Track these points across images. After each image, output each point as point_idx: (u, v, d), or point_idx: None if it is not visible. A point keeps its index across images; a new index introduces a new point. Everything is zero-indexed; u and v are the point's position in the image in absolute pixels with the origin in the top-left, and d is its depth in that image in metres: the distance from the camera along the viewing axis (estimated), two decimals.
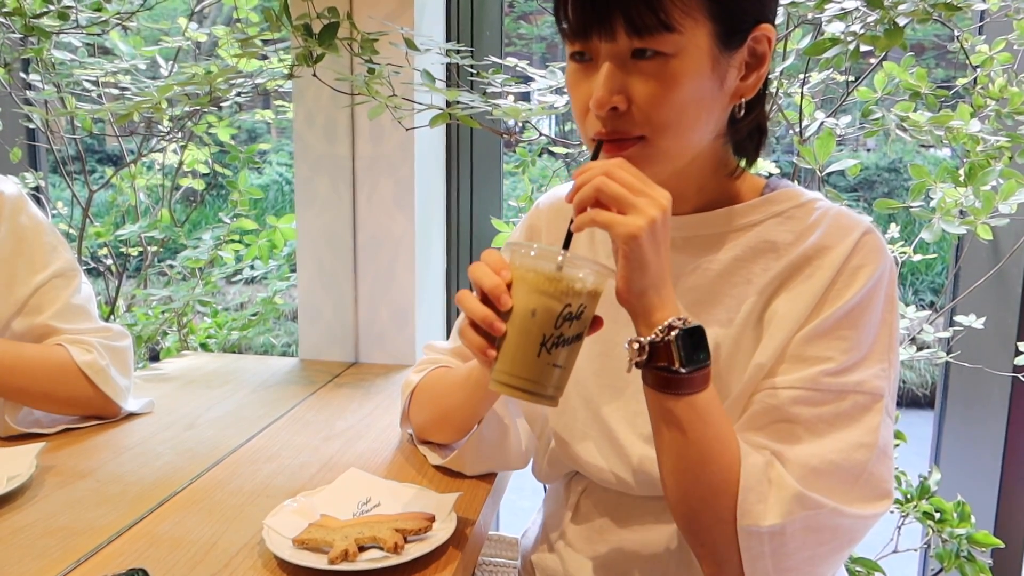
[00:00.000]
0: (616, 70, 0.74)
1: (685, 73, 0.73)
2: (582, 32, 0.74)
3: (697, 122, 0.76)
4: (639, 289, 0.72)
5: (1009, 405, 1.62)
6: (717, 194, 0.85)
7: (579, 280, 0.72)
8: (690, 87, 0.73)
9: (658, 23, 0.71)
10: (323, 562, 0.77)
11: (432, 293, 1.71)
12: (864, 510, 0.76)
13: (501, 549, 1.19)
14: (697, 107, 0.75)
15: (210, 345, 1.98)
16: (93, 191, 1.94)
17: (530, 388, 0.74)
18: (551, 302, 0.73)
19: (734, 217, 0.84)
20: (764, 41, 0.77)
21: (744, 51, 0.76)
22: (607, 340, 0.88)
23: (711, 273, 0.84)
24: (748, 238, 0.83)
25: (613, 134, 0.76)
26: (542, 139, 1.50)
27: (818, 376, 0.77)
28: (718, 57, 0.74)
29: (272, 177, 6.28)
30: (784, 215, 0.83)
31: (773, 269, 0.81)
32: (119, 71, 1.69)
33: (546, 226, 0.98)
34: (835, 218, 0.81)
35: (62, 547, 0.84)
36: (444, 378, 1.02)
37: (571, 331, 0.74)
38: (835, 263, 0.78)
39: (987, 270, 1.54)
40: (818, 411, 0.77)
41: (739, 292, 0.83)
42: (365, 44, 1.25)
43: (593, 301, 0.74)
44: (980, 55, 1.36)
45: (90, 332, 1.17)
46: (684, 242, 0.86)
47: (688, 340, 0.72)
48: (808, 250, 0.80)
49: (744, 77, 0.77)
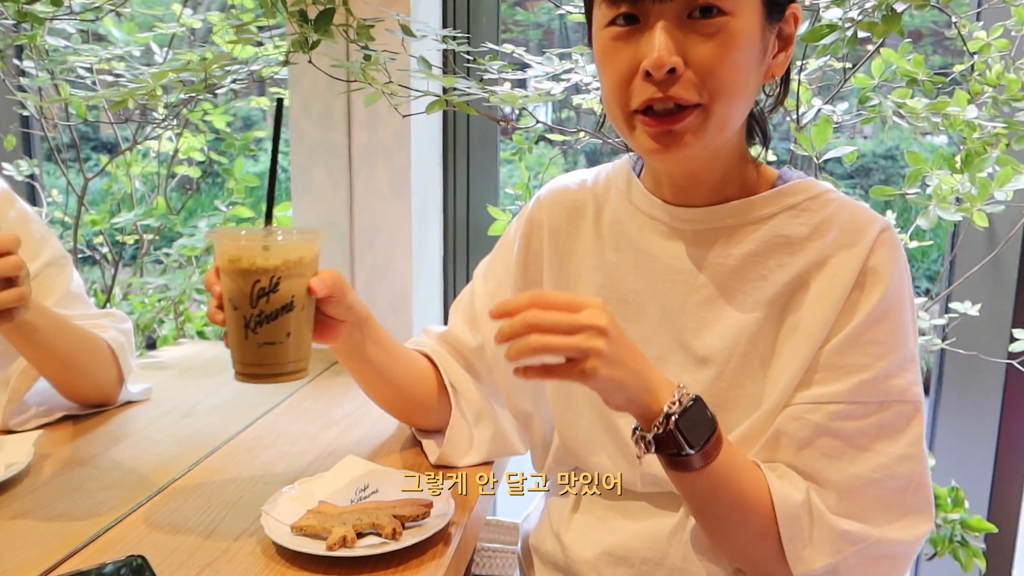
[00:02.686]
0: (673, 31, 0.72)
1: (743, 35, 0.72)
2: None
3: (747, 90, 0.76)
4: (625, 400, 0.72)
5: (1003, 391, 1.63)
6: (737, 183, 0.84)
7: (260, 255, 0.71)
8: (746, 52, 0.73)
9: None
10: (321, 548, 0.78)
11: (429, 280, 1.71)
12: (909, 533, 0.76)
13: (499, 534, 1.20)
14: (748, 75, 0.75)
15: (207, 333, 1.98)
16: (88, 179, 1.93)
17: (258, 372, 0.74)
18: (240, 282, 0.72)
19: (749, 209, 0.83)
20: (792, 21, 0.77)
21: (778, 28, 0.77)
22: None
23: (725, 269, 0.83)
24: (762, 232, 0.82)
25: (668, 100, 0.73)
26: (539, 126, 1.50)
27: (857, 387, 0.76)
28: (762, 32, 0.74)
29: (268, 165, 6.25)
30: (798, 208, 0.82)
31: (789, 265, 0.80)
32: (113, 58, 1.68)
33: (548, 219, 0.96)
34: (851, 214, 0.80)
35: (61, 534, 0.84)
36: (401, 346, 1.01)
37: (272, 306, 0.73)
38: (856, 263, 0.77)
39: (983, 257, 1.55)
40: (861, 424, 0.76)
41: (753, 288, 0.82)
42: (361, 30, 1.25)
43: (293, 269, 0.73)
44: (978, 41, 1.35)
45: (97, 317, 1.17)
46: (696, 235, 0.85)
47: (689, 421, 0.71)
48: (826, 248, 0.79)
49: (775, 55, 0.78)
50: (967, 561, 1.43)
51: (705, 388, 0.82)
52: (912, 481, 0.77)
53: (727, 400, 0.82)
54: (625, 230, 0.90)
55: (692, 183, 0.84)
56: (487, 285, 1.01)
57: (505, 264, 0.99)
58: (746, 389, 0.81)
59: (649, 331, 0.87)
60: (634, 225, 0.89)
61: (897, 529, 0.76)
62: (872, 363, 0.76)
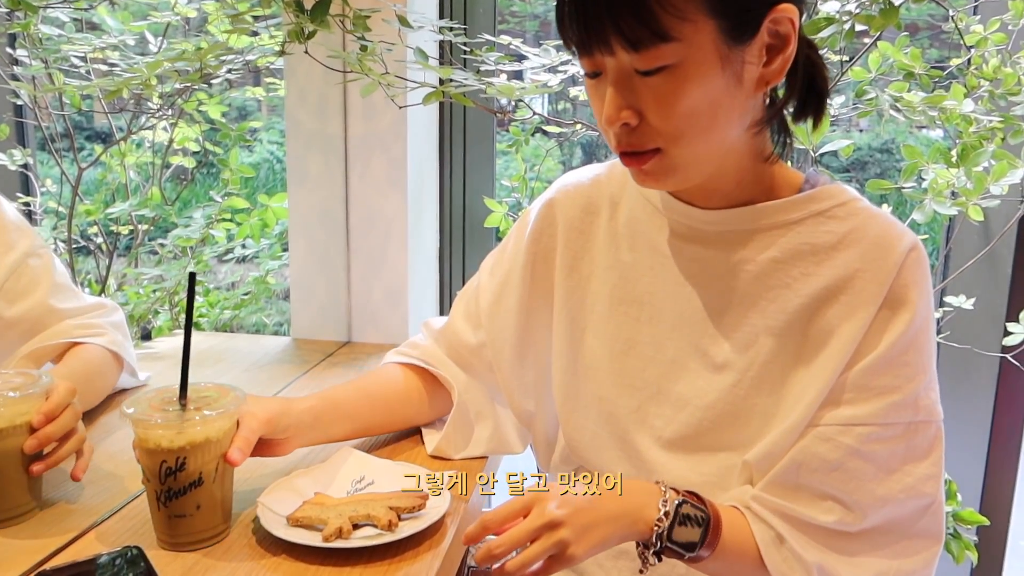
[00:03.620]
0: (622, 86, 0.71)
1: (691, 81, 0.69)
2: (584, 49, 0.72)
3: (713, 125, 0.72)
4: (618, 542, 0.74)
5: (996, 385, 1.64)
6: (755, 187, 0.81)
7: (165, 437, 0.76)
8: (698, 93, 0.70)
9: (652, 35, 0.67)
10: (317, 539, 0.78)
11: (425, 272, 1.70)
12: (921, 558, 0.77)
13: None
14: (711, 111, 0.71)
15: (202, 324, 1.97)
16: (83, 169, 1.92)
17: (171, 542, 0.79)
18: (147, 461, 0.77)
19: (771, 213, 0.80)
20: (785, 22, 0.71)
21: (762, 37, 0.71)
22: (628, 338, 0.87)
23: (747, 275, 0.81)
24: (787, 238, 0.79)
25: (629, 147, 0.74)
26: (535, 118, 1.50)
27: (888, 409, 0.75)
28: (728, 54, 0.70)
29: (263, 155, 6.23)
30: (825, 214, 0.79)
31: (813, 275, 0.78)
32: (107, 47, 1.66)
33: (562, 216, 0.93)
34: (880, 226, 0.77)
35: (56, 525, 0.84)
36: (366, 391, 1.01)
37: (179, 483, 0.77)
38: (884, 279, 0.75)
39: (978, 251, 1.55)
40: (891, 447, 0.75)
41: (776, 296, 0.79)
42: (357, 21, 1.24)
43: (199, 448, 0.77)
44: (974, 35, 1.35)
45: (89, 311, 1.16)
46: (717, 236, 0.82)
47: (683, 527, 0.73)
48: (853, 261, 0.76)
49: (768, 63, 0.72)
50: (959, 553, 1.44)
51: (721, 396, 0.81)
52: (934, 500, 0.77)
53: (742, 409, 0.80)
54: (642, 229, 0.88)
55: (705, 192, 0.82)
56: (493, 281, 1.00)
57: (513, 261, 0.97)
58: (762, 399, 0.80)
59: (664, 334, 0.85)
60: (652, 225, 0.87)
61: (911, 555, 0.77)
62: (903, 384, 0.75)
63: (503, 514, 0.73)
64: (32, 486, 0.86)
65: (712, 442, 0.82)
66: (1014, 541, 1.71)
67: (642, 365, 0.86)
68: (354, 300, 1.60)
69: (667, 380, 0.85)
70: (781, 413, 0.79)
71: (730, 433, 0.81)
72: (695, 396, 0.83)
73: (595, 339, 0.90)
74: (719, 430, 0.82)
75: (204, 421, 0.77)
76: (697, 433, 0.83)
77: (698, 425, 0.82)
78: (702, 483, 0.82)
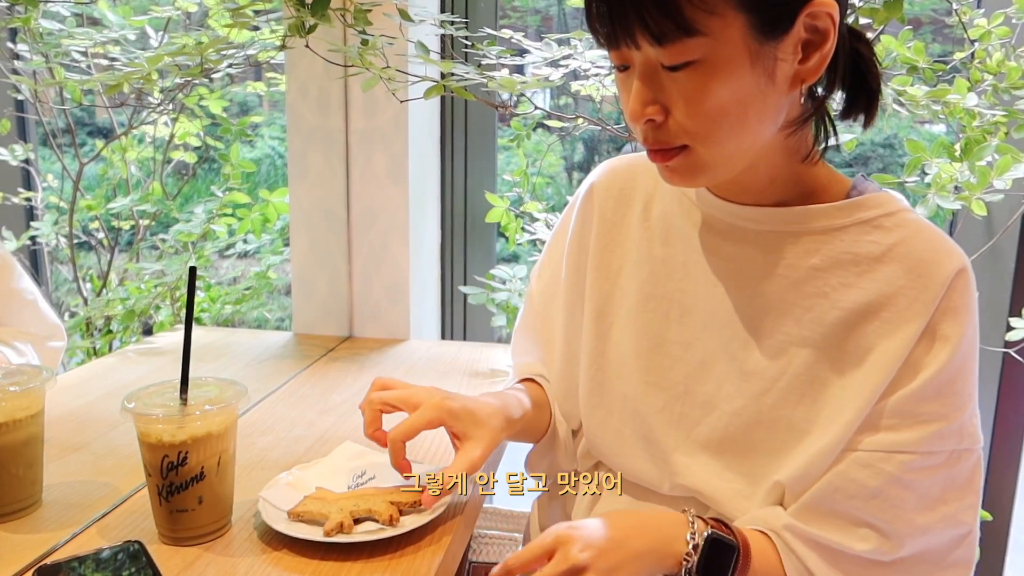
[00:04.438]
0: (648, 81, 0.69)
1: (717, 78, 0.66)
2: (611, 42, 0.69)
3: (743, 123, 0.69)
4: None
5: (1000, 380, 1.64)
6: (791, 186, 0.78)
7: (167, 432, 0.76)
8: (726, 90, 0.67)
9: (677, 28, 0.64)
10: (318, 534, 0.78)
11: (426, 267, 1.70)
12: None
13: (496, 521, 1.20)
14: (740, 109, 0.68)
15: (203, 319, 1.97)
16: (84, 164, 1.92)
17: (172, 536, 0.79)
18: (148, 455, 0.77)
19: (816, 217, 0.76)
20: (824, 17, 0.67)
21: (798, 32, 0.67)
22: (656, 335, 0.85)
23: (785, 280, 0.77)
24: (830, 245, 0.76)
25: (655, 144, 0.72)
26: (537, 112, 1.49)
27: (933, 439, 0.72)
28: (758, 50, 0.66)
29: (264, 150, 6.23)
30: (871, 223, 0.75)
31: (854, 286, 0.74)
32: (108, 41, 1.66)
33: (599, 210, 0.91)
34: (928, 242, 0.74)
35: (57, 520, 0.84)
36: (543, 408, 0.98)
37: (181, 478, 0.77)
38: (930, 300, 0.72)
39: (981, 246, 1.55)
40: (933, 476, 0.73)
41: (813, 304, 0.76)
42: (358, 15, 1.23)
43: (201, 443, 0.77)
44: (978, 29, 1.34)
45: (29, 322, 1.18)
46: (756, 236, 0.79)
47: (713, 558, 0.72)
48: (897, 277, 0.73)
49: (804, 59, 0.69)
50: None
51: (748, 403, 0.79)
52: (971, 530, 0.75)
53: (769, 419, 0.78)
54: (677, 224, 0.85)
55: (739, 186, 0.79)
56: (540, 283, 0.99)
57: (556, 261, 0.96)
58: (790, 411, 0.77)
59: (693, 334, 0.83)
60: (688, 219, 0.84)
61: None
62: (950, 413, 0.73)
63: (526, 557, 0.71)
64: (34, 481, 0.86)
65: (738, 448, 0.80)
66: (1016, 536, 1.71)
67: (669, 364, 0.84)
68: (355, 295, 1.60)
69: (695, 381, 0.82)
70: (815, 431, 0.76)
71: (756, 441, 0.79)
72: (723, 400, 0.80)
73: (622, 334, 0.88)
74: (746, 437, 0.79)
75: (205, 416, 0.77)
76: (723, 438, 0.80)
77: (724, 430, 0.80)
78: (726, 489, 0.80)
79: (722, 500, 0.80)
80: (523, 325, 1.01)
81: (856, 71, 0.75)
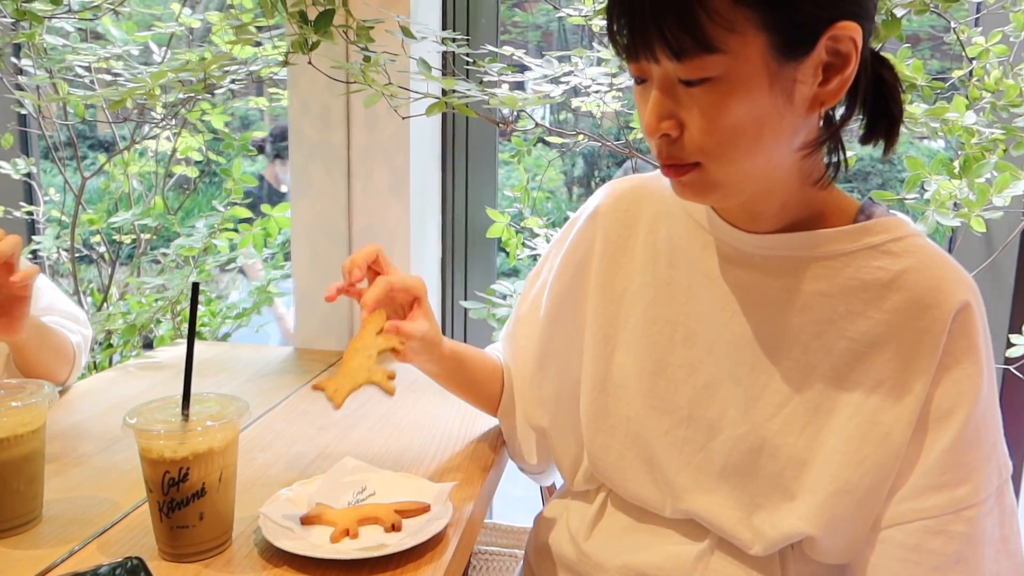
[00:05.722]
0: (665, 96, 0.69)
1: (735, 96, 0.66)
2: (631, 54, 0.69)
3: (758, 143, 0.68)
4: None
5: (1000, 397, 1.63)
6: (802, 211, 0.77)
7: (168, 448, 0.76)
8: (743, 109, 0.66)
9: (696, 45, 0.64)
10: (319, 551, 0.77)
11: (427, 282, 1.70)
12: None
13: (497, 537, 1.20)
14: (756, 128, 0.67)
15: (204, 334, 1.97)
16: (86, 178, 1.92)
17: (173, 553, 0.78)
18: (150, 471, 0.77)
19: (823, 242, 0.75)
20: (846, 41, 0.66)
21: (819, 54, 0.66)
22: (660, 358, 0.84)
23: (791, 306, 0.76)
24: (836, 271, 0.75)
25: (669, 159, 0.71)
26: (537, 128, 1.50)
27: (985, 483, 0.71)
28: (777, 71, 0.66)
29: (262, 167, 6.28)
30: (879, 249, 0.74)
31: (861, 315, 0.74)
32: (112, 57, 1.67)
33: (603, 231, 0.91)
34: (934, 274, 0.73)
35: (58, 536, 0.83)
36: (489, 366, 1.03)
37: (182, 494, 0.77)
38: (940, 332, 0.71)
39: (980, 262, 1.55)
40: (992, 520, 0.72)
41: (820, 332, 0.75)
42: (361, 31, 1.24)
43: (203, 458, 0.77)
44: (976, 47, 1.35)
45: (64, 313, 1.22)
46: (763, 261, 0.78)
47: None
48: (904, 309, 0.72)
49: (824, 82, 0.68)
50: None
51: (752, 429, 0.78)
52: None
53: (772, 446, 0.77)
54: (684, 246, 0.84)
55: (747, 212, 0.78)
56: (531, 290, 1.01)
57: (549, 271, 0.97)
58: (794, 439, 0.76)
59: (698, 358, 0.82)
60: (695, 243, 0.83)
61: None
62: (990, 451, 0.72)
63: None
64: (34, 496, 0.85)
65: (741, 474, 0.79)
66: None
67: (673, 387, 0.83)
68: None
69: (699, 406, 0.82)
70: (818, 461, 0.75)
71: (759, 467, 0.78)
72: (728, 425, 0.80)
73: (626, 357, 0.87)
74: (749, 463, 0.79)
75: (207, 431, 0.77)
76: (727, 464, 0.80)
77: (728, 455, 0.80)
78: (728, 515, 0.80)
79: (723, 525, 0.80)
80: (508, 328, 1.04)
81: (878, 96, 0.74)
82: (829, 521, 0.75)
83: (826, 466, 0.74)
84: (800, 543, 0.79)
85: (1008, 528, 0.73)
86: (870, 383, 0.74)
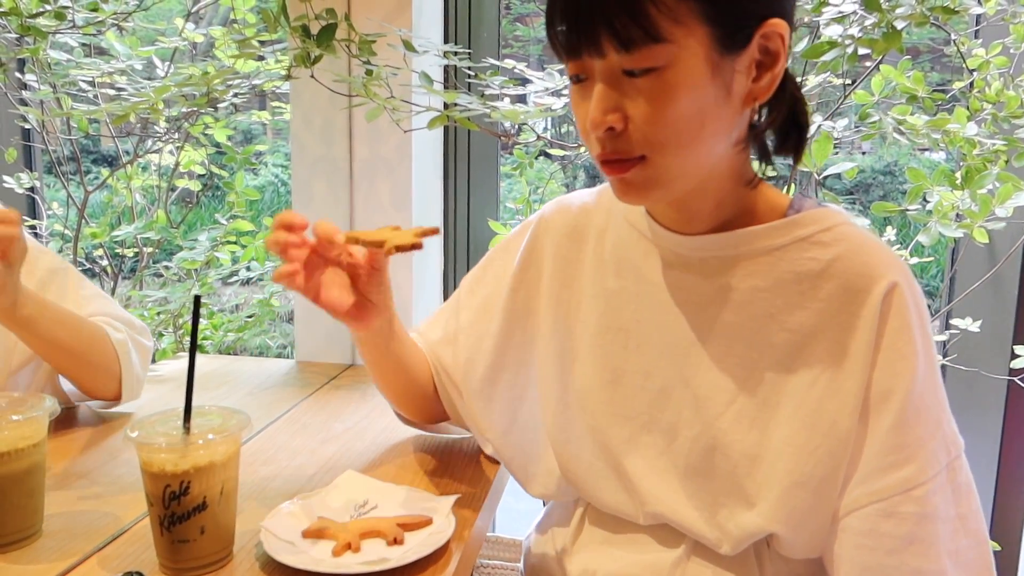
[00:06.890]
0: (609, 89, 0.70)
1: (680, 85, 0.68)
2: (573, 51, 0.70)
3: (701, 135, 0.70)
4: None
5: (1005, 408, 1.63)
6: (736, 209, 0.79)
7: (169, 461, 0.75)
8: (687, 99, 0.68)
9: (644, 35, 0.66)
10: (321, 565, 0.77)
11: (429, 295, 1.70)
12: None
13: (499, 551, 1.19)
14: (699, 119, 0.69)
15: (206, 347, 1.97)
16: (89, 192, 1.93)
17: (174, 568, 0.78)
18: (150, 485, 0.77)
19: (752, 239, 0.78)
20: (776, 38, 0.70)
21: (752, 50, 0.70)
22: (616, 367, 0.85)
23: (731, 303, 0.78)
24: (770, 266, 0.77)
25: (613, 154, 0.72)
26: (539, 141, 1.50)
27: (931, 460, 0.71)
28: (719, 62, 0.68)
29: (268, 178, 6.29)
30: (809, 240, 0.76)
31: (798, 307, 0.75)
32: (115, 71, 1.68)
33: (551, 244, 0.93)
34: (863, 260, 0.74)
35: (59, 549, 0.83)
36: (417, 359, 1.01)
37: (183, 508, 0.76)
38: (871, 316, 0.72)
39: (983, 273, 1.55)
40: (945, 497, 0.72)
41: (760, 326, 0.77)
42: (363, 45, 1.25)
43: (204, 472, 0.77)
44: (977, 59, 1.36)
45: (115, 318, 1.17)
46: (700, 263, 0.80)
47: None
48: (837, 296, 0.74)
49: (756, 78, 0.71)
50: None
51: (704, 428, 0.79)
52: (987, 536, 0.76)
53: (723, 444, 0.78)
54: (628, 255, 0.86)
55: (683, 213, 0.80)
56: (473, 299, 1.00)
57: (497, 285, 0.97)
58: (743, 435, 0.77)
59: (651, 362, 0.83)
60: (637, 251, 0.85)
61: None
62: (934, 429, 0.73)
63: None
64: (35, 510, 0.85)
65: (700, 474, 0.80)
66: None
67: (631, 394, 0.85)
68: None
69: (657, 409, 0.83)
70: (768, 456, 0.76)
71: (715, 466, 0.79)
72: (684, 426, 0.81)
73: (583, 368, 0.88)
74: (705, 463, 0.80)
75: (208, 445, 0.77)
76: (687, 465, 0.81)
77: (687, 456, 0.81)
78: (695, 516, 0.80)
79: (691, 527, 0.81)
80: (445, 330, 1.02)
81: (790, 109, 0.77)
82: (789, 516, 0.75)
83: (778, 460, 0.75)
84: (772, 542, 0.80)
85: (965, 506, 0.74)
86: (812, 373, 0.75)
